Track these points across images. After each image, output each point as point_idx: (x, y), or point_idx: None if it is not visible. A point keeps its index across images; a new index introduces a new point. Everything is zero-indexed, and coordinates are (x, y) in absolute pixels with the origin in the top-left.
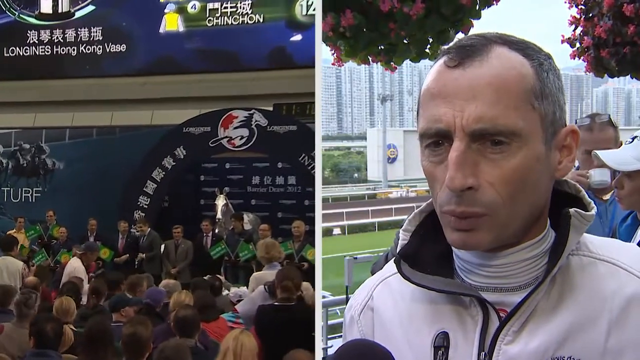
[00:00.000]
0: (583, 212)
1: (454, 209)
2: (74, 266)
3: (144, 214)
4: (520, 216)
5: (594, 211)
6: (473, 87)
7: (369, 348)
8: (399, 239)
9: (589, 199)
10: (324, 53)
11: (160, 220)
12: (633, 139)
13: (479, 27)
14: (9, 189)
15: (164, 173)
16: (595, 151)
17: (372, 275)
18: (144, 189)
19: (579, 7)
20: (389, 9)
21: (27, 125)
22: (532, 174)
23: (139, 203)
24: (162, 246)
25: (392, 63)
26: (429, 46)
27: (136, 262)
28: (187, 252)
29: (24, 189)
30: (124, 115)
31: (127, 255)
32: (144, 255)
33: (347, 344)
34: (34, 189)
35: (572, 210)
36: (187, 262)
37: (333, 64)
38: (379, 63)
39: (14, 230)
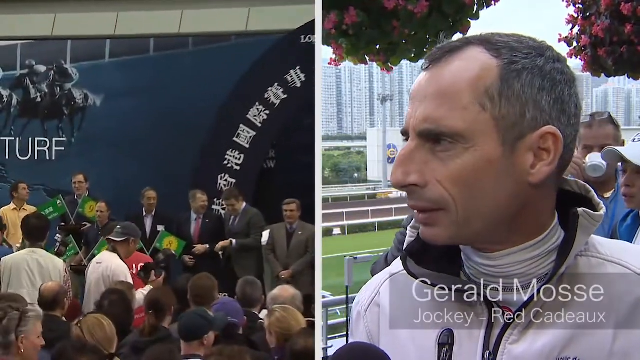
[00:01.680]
0: (591, 212)
1: (408, 202)
2: (111, 266)
3: (234, 181)
4: (478, 218)
5: (602, 211)
6: (426, 89)
7: (364, 352)
8: (398, 241)
9: (599, 200)
10: (325, 53)
11: (263, 191)
12: None
13: (477, 27)
14: (13, 138)
15: (267, 112)
16: (611, 147)
17: (372, 275)
18: (235, 138)
19: (577, 6)
20: (394, 6)
21: (41, 33)
22: (482, 176)
23: (226, 163)
24: (266, 233)
25: (388, 63)
26: (427, 46)
27: (222, 258)
28: (307, 242)
29: (37, 139)
30: (200, 16)
31: (207, 246)
32: (233, 242)
33: (343, 348)
34: (54, 139)
35: (580, 210)
36: (309, 259)
37: (330, 64)
38: (375, 63)
39: (12, 206)
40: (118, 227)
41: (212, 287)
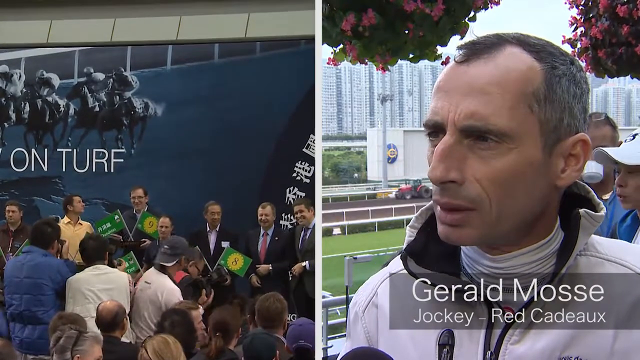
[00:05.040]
0: (593, 212)
1: (439, 199)
2: (163, 291)
3: (303, 194)
4: (509, 218)
5: (603, 212)
6: (471, 84)
7: (371, 357)
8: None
9: (598, 200)
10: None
11: None
12: (634, 136)
13: (479, 26)
14: (70, 150)
15: None
16: (600, 148)
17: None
18: (304, 149)
19: (580, 8)
20: (413, 9)
21: (100, 39)
22: (522, 177)
23: (295, 175)
24: None
25: (387, 64)
26: (429, 48)
27: (290, 276)
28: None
29: (95, 150)
30: (270, 19)
31: (269, 267)
32: (306, 264)
33: (351, 353)
34: (113, 151)
35: (582, 210)
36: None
37: (328, 63)
38: (373, 63)
39: (65, 219)
40: (165, 247)
41: (281, 310)
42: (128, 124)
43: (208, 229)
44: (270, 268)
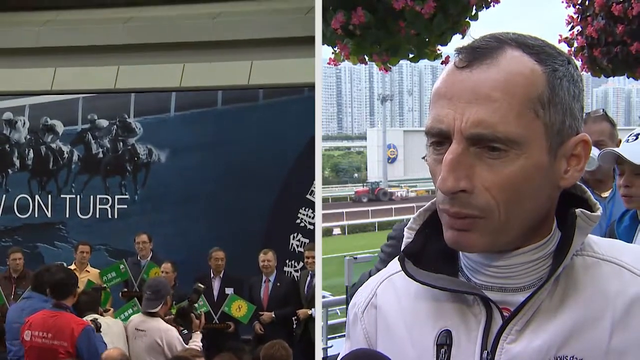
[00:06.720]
0: (589, 212)
1: (448, 208)
2: (163, 336)
3: (307, 241)
4: (517, 223)
5: (599, 212)
6: (476, 91)
7: (372, 358)
8: (384, 253)
9: (595, 200)
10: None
11: None
12: (637, 136)
13: (476, 26)
14: (73, 196)
15: None
16: (610, 148)
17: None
18: (308, 196)
19: (576, 7)
20: (402, 7)
21: (103, 87)
22: (530, 183)
23: (298, 222)
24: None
25: (387, 63)
26: (428, 47)
27: (294, 325)
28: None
29: (98, 196)
30: (273, 67)
31: (272, 314)
32: (312, 312)
33: (351, 354)
34: (116, 197)
35: (578, 210)
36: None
37: (329, 64)
38: (374, 63)
39: (72, 266)
40: (148, 292)
41: (286, 357)
42: (132, 170)
43: (212, 275)
44: (274, 316)
